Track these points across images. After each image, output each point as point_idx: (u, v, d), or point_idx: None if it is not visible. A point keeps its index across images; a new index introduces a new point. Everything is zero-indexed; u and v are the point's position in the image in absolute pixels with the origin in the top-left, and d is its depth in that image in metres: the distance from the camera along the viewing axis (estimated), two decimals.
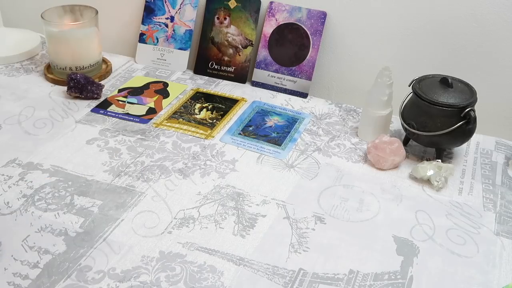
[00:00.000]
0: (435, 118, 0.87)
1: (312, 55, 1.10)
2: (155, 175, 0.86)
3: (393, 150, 0.89)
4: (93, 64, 1.12)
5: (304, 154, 0.93)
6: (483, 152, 0.96)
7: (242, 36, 1.14)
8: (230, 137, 0.96)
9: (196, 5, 1.16)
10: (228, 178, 0.86)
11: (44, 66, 1.16)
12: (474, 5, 0.99)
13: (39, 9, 1.11)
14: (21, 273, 0.68)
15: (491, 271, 0.72)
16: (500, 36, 0.99)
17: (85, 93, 1.05)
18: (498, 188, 0.88)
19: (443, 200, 0.84)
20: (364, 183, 0.87)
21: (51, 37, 1.09)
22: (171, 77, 1.16)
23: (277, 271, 0.70)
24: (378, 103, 0.93)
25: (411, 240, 0.76)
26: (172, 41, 1.18)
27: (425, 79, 0.91)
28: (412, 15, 1.03)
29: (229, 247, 0.74)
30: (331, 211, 0.81)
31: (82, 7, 1.12)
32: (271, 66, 1.13)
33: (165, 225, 0.77)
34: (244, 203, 0.81)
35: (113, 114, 1.02)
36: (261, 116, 1.03)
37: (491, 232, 0.79)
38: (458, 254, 0.75)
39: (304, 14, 1.10)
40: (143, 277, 0.68)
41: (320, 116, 1.04)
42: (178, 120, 1.00)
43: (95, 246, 0.72)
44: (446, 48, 1.04)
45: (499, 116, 1.05)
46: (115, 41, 1.26)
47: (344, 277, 0.70)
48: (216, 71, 1.16)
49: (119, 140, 0.94)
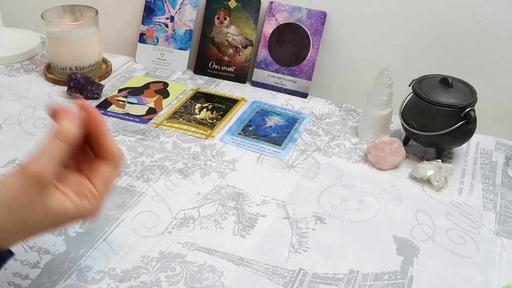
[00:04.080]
0: (435, 118, 0.87)
1: (312, 55, 1.10)
2: (155, 175, 0.86)
3: (393, 150, 0.89)
4: (93, 64, 1.12)
5: (304, 154, 0.93)
6: (483, 152, 0.96)
7: (242, 36, 1.14)
8: (230, 137, 0.96)
9: (196, 5, 1.16)
10: (228, 178, 0.86)
11: (44, 66, 1.16)
12: (474, 5, 0.99)
13: (39, 9, 1.11)
14: (21, 273, 0.68)
15: (491, 271, 0.72)
16: (500, 36, 0.99)
17: (85, 93, 1.05)
18: (498, 188, 0.88)
19: (443, 200, 0.84)
20: (364, 183, 0.87)
21: (51, 37, 1.09)
22: (171, 77, 1.16)
23: (277, 271, 0.70)
24: (378, 103, 0.93)
25: (411, 240, 0.76)
26: (172, 41, 1.18)
27: (425, 79, 0.91)
28: (412, 15, 1.03)
29: (229, 247, 0.74)
30: (331, 211, 0.81)
31: (82, 7, 1.12)
32: (271, 66, 1.13)
33: (165, 225, 0.77)
34: (244, 203, 0.81)
35: (113, 114, 1.02)
36: (261, 116, 1.03)
37: (491, 232, 0.79)
38: (458, 254, 0.75)
39: (304, 14, 1.10)
40: (143, 277, 0.68)
41: (320, 116, 1.04)
42: (178, 120, 1.00)
43: (95, 246, 0.72)
44: (446, 48, 1.04)
45: (499, 116, 1.05)
46: (115, 41, 1.26)
47: (344, 277, 0.70)
48: (216, 71, 1.16)
49: (119, 140, 0.94)
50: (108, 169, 0.59)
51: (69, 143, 0.55)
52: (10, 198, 0.52)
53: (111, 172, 0.59)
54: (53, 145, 0.54)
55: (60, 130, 0.55)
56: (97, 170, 0.59)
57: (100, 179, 0.58)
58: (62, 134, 0.54)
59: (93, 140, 0.59)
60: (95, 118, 0.58)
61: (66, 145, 0.54)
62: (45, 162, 0.52)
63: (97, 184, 0.58)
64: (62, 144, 0.54)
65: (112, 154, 0.59)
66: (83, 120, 0.57)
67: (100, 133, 0.59)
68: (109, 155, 0.59)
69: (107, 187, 0.59)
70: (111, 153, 0.59)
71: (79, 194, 0.56)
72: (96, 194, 0.57)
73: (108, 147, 0.59)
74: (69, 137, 0.55)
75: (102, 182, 0.58)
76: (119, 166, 0.60)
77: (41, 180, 0.52)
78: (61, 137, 0.54)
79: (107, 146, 0.59)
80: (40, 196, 0.52)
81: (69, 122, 0.55)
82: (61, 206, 0.54)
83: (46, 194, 0.53)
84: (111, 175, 0.59)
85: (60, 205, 0.54)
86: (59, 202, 0.54)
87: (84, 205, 0.56)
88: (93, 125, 0.58)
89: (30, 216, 0.52)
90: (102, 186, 0.58)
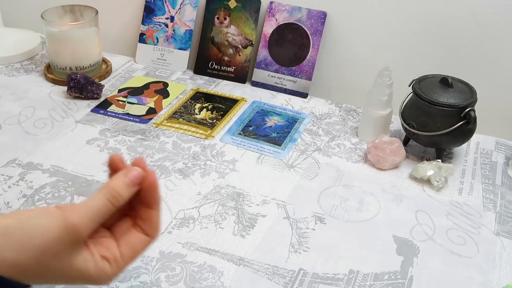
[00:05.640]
0: (435, 118, 0.87)
1: (312, 55, 1.10)
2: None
3: (393, 150, 0.89)
4: (93, 64, 1.12)
5: (304, 154, 0.93)
6: (483, 152, 0.96)
7: (242, 36, 1.14)
8: (230, 137, 0.96)
9: (196, 5, 1.16)
10: (228, 178, 0.86)
11: (44, 66, 1.16)
12: (474, 5, 0.99)
13: (39, 9, 1.11)
14: None
15: (491, 271, 0.72)
16: (500, 36, 0.99)
17: (85, 93, 1.05)
18: (498, 188, 0.88)
19: (443, 200, 0.84)
20: (364, 183, 0.87)
21: (51, 37, 1.09)
22: (171, 77, 1.16)
23: (277, 271, 0.70)
24: (378, 103, 0.93)
25: (411, 240, 0.76)
26: (172, 41, 1.18)
27: (425, 79, 0.91)
28: (412, 15, 1.03)
29: (229, 247, 0.74)
30: (331, 211, 0.81)
31: (82, 7, 1.12)
32: (271, 66, 1.13)
33: (165, 225, 0.77)
34: (244, 203, 0.81)
35: (113, 114, 1.02)
36: (261, 116, 1.03)
37: (491, 232, 0.79)
38: (458, 254, 0.75)
39: (304, 14, 1.10)
40: (143, 277, 0.68)
41: (320, 116, 1.04)
42: (178, 120, 1.00)
43: None
44: (446, 48, 1.04)
45: (499, 116, 1.05)
46: (115, 41, 1.26)
47: (344, 277, 0.70)
48: (216, 71, 1.16)
49: (119, 140, 0.94)
50: (142, 240, 0.55)
51: (117, 206, 0.52)
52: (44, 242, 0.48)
53: (143, 245, 0.55)
54: (101, 202, 0.51)
55: (113, 190, 0.51)
56: (131, 239, 0.54)
57: (129, 247, 0.54)
58: (114, 196, 0.51)
59: (141, 207, 0.55)
60: (154, 187, 0.54)
61: (113, 207, 0.51)
62: (88, 218, 0.50)
63: (124, 251, 0.54)
64: (110, 205, 0.51)
65: (152, 225, 0.55)
66: (142, 184, 0.54)
67: (152, 202, 0.55)
68: (149, 226, 0.55)
69: (133, 256, 0.54)
70: (153, 224, 0.55)
71: (104, 257, 0.52)
72: (120, 261, 0.53)
73: (154, 218, 0.55)
74: (119, 201, 0.52)
75: (130, 250, 0.54)
76: (154, 239, 0.55)
77: (79, 234, 0.49)
78: (112, 198, 0.51)
79: (153, 216, 0.55)
80: (71, 249, 0.50)
81: (125, 185, 0.52)
82: (84, 264, 0.51)
83: (76, 249, 0.50)
84: (142, 245, 0.55)
85: (84, 263, 0.51)
86: (84, 260, 0.51)
87: (104, 269, 0.52)
88: (149, 193, 0.54)
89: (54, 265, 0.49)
90: (129, 254, 0.54)
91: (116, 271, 0.53)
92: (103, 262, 0.52)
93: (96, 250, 0.52)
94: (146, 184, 0.54)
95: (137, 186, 0.53)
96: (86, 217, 0.50)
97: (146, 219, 0.55)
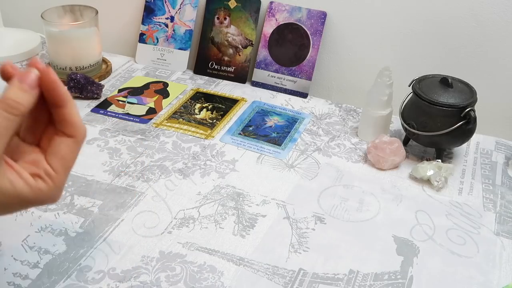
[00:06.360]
0: (435, 118, 0.87)
1: (312, 55, 1.10)
2: (155, 175, 0.86)
3: (393, 150, 0.89)
4: (93, 64, 1.12)
5: (304, 154, 0.93)
6: (483, 152, 0.96)
7: (242, 36, 1.14)
8: (230, 137, 0.96)
9: (196, 5, 1.16)
10: (228, 178, 0.86)
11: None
12: (474, 5, 0.99)
13: (39, 9, 1.11)
14: (21, 273, 0.68)
15: (491, 271, 0.72)
16: (500, 36, 0.99)
17: (85, 93, 1.05)
18: (498, 188, 0.88)
19: (443, 200, 0.84)
20: (364, 183, 0.87)
21: (51, 37, 1.09)
22: (171, 77, 1.16)
23: (277, 271, 0.70)
24: (378, 103, 0.93)
25: (411, 240, 0.76)
26: (172, 41, 1.18)
27: (425, 79, 0.91)
28: (412, 15, 1.03)
29: (229, 247, 0.74)
30: (331, 211, 0.81)
31: (82, 7, 1.12)
32: (271, 66, 1.13)
33: (165, 225, 0.77)
34: (244, 203, 0.81)
35: (113, 114, 1.02)
36: (261, 116, 1.03)
37: (491, 232, 0.79)
38: (458, 254, 0.75)
39: (304, 14, 1.10)
40: (143, 277, 0.68)
41: (320, 116, 1.04)
42: (178, 120, 1.00)
43: (95, 246, 0.72)
44: (446, 48, 1.04)
45: (499, 116, 1.05)
46: (115, 41, 1.26)
47: (344, 277, 0.70)
48: (216, 71, 1.16)
49: (119, 140, 0.94)
50: (68, 146, 0.50)
51: (18, 115, 0.47)
52: None
53: (70, 150, 0.50)
54: (0, 117, 0.46)
55: (10, 99, 0.47)
56: (55, 147, 0.50)
57: (58, 157, 0.50)
58: (12, 106, 0.46)
59: (52, 110, 0.51)
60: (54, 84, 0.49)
61: (16, 117, 0.47)
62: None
63: (54, 163, 0.50)
64: (10, 116, 0.46)
65: (69, 124, 0.50)
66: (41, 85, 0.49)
67: (58, 100, 0.50)
68: (66, 125, 0.50)
69: (65, 164, 0.50)
70: (69, 123, 0.50)
71: (34, 175, 0.48)
72: (54, 175, 0.49)
73: (67, 116, 0.50)
74: (20, 109, 0.47)
75: (61, 161, 0.50)
76: (81, 142, 0.51)
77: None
78: (10, 108, 0.46)
79: (65, 115, 0.50)
80: None
81: (21, 91, 0.47)
82: (11, 187, 0.47)
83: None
84: (71, 152, 0.50)
85: (10, 185, 0.47)
86: (10, 181, 0.47)
87: (39, 187, 0.48)
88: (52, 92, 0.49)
89: None
90: (59, 163, 0.50)
91: (52, 186, 0.49)
92: (36, 180, 0.49)
93: (24, 169, 0.48)
94: (45, 84, 0.49)
95: (36, 88, 0.49)
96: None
97: (61, 120, 0.50)
